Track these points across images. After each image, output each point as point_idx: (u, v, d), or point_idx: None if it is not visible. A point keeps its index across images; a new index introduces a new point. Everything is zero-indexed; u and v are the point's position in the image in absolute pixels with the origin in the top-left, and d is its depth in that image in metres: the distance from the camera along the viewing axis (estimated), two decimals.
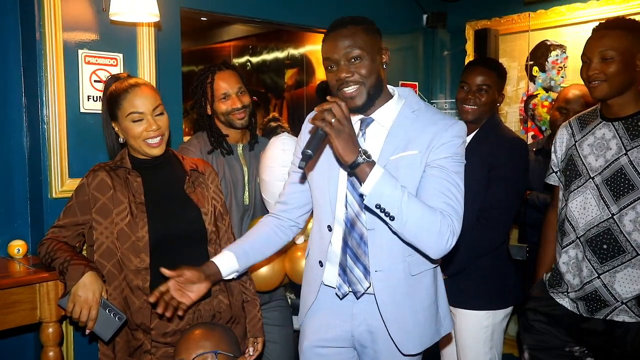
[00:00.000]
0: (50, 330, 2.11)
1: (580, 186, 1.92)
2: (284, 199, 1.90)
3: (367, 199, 1.51)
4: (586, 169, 1.91)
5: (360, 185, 1.52)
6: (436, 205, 1.56)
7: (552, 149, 2.10)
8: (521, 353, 2.12)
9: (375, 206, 1.51)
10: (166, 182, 1.95)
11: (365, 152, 1.51)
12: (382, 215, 1.52)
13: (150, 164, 1.94)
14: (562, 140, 2.05)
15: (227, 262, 1.78)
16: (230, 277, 1.82)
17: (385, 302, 1.68)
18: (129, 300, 1.85)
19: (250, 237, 1.87)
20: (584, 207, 1.90)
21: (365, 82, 1.62)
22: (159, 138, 1.89)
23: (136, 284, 1.84)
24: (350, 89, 1.61)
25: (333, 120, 1.47)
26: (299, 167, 1.52)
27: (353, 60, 1.60)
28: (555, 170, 2.10)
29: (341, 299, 1.75)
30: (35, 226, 2.46)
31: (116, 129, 1.93)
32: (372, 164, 1.51)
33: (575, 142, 1.97)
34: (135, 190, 1.89)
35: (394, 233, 1.60)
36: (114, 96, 1.88)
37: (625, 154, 1.82)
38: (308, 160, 1.50)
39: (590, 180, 1.89)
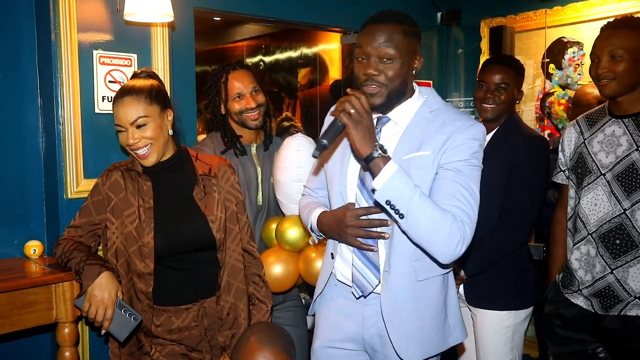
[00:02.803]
0: (66, 330, 2.11)
1: (591, 183, 1.93)
2: (316, 186, 1.90)
3: (378, 194, 1.50)
4: (596, 165, 1.92)
5: (373, 179, 1.50)
6: (448, 209, 1.52)
7: (560, 148, 2.12)
8: None
9: (385, 202, 1.50)
10: (176, 187, 1.93)
11: (381, 147, 1.50)
12: (392, 212, 1.50)
13: (160, 167, 1.91)
14: (570, 139, 2.07)
15: None
16: None
17: (388, 304, 1.65)
18: (133, 301, 1.86)
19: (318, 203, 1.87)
20: (594, 204, 1.92)
21: (388, 85, 1.59)
22: (144, 149, 1.83)
23: (140, 287, 1.85)
24: (372, 87, 1.59)
25: (352, 111, 1.48)
26: (313, 156, 1.53)
27: (385, 59, 1.58)
28: (563, 169, 2.12)
29: (357, 298, 1.72)
30: (51, 227, 2.47)
31: None
32: (386, 159, 1.50)
33: (585, 140, 1.99)
34: (145, 194, 1.88)
35: (404, 233, 1.57)
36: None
37: (637, 149, 1.84)
38: (322, 150, 1.51)
39: (601, 176, 1.90)
